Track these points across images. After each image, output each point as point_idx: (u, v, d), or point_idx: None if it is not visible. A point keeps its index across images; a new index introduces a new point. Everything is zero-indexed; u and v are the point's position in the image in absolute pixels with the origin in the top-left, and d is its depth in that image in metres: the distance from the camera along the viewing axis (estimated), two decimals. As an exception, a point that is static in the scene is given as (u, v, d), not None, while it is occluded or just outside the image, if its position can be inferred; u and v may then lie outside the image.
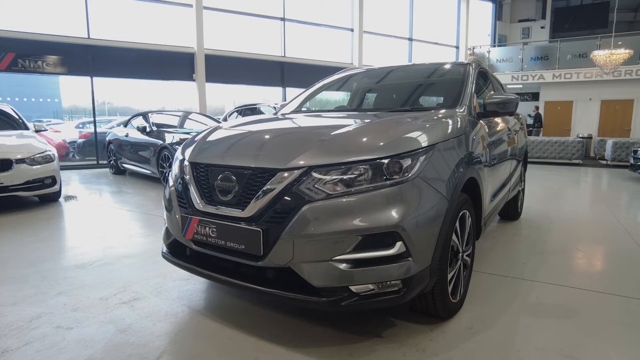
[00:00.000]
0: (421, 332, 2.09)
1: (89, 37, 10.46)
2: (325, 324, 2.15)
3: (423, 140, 1.93)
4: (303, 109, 3.31)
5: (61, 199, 5.85)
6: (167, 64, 11.56)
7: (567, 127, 15.46)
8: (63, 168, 10.31)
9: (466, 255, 2.32)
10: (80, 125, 13.00)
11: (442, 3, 17.67)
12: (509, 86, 16.99)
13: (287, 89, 13.85)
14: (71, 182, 7.83)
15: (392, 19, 16.29)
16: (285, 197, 1.76)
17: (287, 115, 2.92)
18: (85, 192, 6.75)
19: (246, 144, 2.14)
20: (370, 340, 2.02)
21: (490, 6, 18.81)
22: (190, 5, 11.57)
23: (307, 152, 1.82)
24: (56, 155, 5.55)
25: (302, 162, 1.78)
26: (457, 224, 2.11)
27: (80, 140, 11.89)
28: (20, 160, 4.98)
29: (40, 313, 2.33)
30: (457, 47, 17.86)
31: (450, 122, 2.27)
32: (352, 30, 15.01)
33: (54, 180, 5.37)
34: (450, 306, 2.13)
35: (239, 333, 2.10)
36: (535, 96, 16.85)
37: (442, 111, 2.46)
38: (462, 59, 17.72)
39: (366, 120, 2.23)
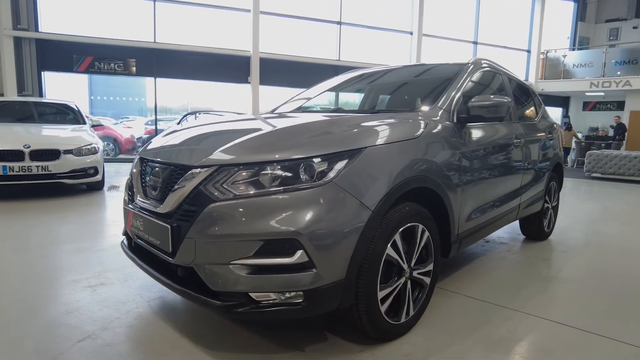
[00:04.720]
0: (350, 351, 1.93)
1: (154, 41, 11.38)
2: (256, 331, 2.08)
3: (345, 143, 1.78)
4: (290, 109, 3.27)
5: (104, 188, 6.42)
6: (224, 67, 12.17)
7: (659, 142, 13.51)
8: (127, 160, 11.35)
9: (419, 274, 2.10)
10: (150, 123, 14.21)
11: (514, 3, 16.43)
12: (587, 94, 15.32)
13: (340, 93, 13.82)
14: (126, 173, 8.55)
15: (455, 21, 15.53)
16: (194, 195, 1.73)
17: (261, 116, 2.89)
18: (130, 183, 7.32)
19: (177, 142, 2.15)
20: (289, 353, 1.91)
21: (571, 6, 17.11)
22: (248, 10, 12.07)
23: (219, 151, 1.78)
24: (101, 147, 6.10)
25: (212, 160, 1.74)
26: (399, 237, 1.92)
27: (146, 136, 13.00)
28: (68, 151, 5.55)
29: (17, 290, 2.55)
30: (529, 51, 16.49)
31: (398, 125, 2.08)
32: (410, 33, 14.58)
33: (96, 171, 5.91)
34: (386, 327, 1.94)
35: (169, 328, 2.11)
36: (620, 105, 14.99)
37: (401, 113, 2.26)
38: (534, 63, 16.39)
39: (301, 122, 2.12)
